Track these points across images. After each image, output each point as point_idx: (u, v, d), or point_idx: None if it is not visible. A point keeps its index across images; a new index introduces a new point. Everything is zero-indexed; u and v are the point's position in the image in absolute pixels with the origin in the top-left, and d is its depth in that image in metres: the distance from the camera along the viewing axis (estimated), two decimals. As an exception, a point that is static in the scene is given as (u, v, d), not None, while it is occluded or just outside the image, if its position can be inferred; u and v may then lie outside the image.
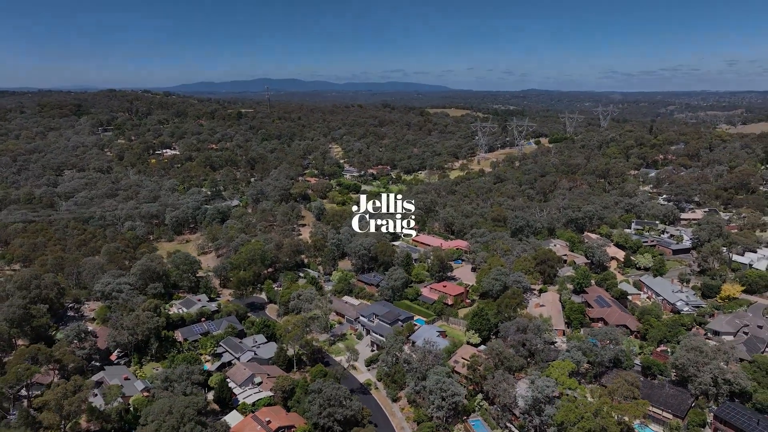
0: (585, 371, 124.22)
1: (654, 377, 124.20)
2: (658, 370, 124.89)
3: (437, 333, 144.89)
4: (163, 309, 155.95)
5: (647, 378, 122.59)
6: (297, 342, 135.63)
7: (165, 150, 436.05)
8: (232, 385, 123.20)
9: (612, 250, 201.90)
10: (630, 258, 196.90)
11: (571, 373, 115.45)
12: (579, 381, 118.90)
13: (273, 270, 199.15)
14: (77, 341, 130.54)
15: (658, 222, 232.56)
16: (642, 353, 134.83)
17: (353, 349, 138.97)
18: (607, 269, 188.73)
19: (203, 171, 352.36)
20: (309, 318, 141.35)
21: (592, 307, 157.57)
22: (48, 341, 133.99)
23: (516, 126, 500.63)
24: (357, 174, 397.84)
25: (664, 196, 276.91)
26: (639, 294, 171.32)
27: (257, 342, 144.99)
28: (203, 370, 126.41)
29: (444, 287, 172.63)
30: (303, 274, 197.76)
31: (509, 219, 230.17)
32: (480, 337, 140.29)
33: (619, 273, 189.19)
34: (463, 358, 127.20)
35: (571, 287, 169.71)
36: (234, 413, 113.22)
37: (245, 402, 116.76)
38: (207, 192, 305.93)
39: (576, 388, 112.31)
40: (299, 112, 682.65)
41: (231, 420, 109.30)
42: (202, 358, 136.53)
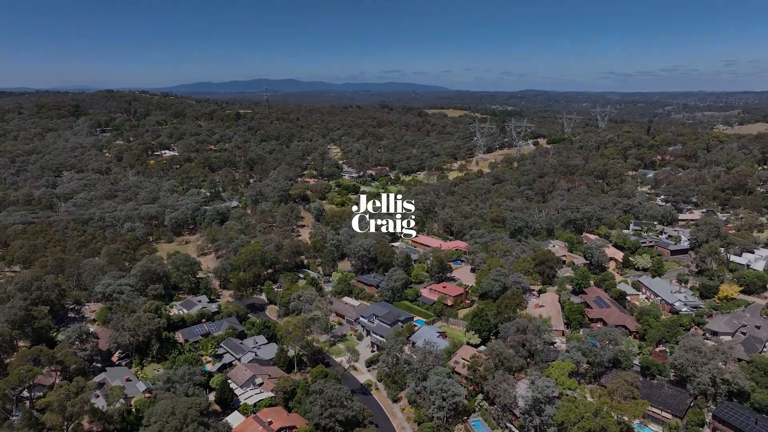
0: (584, 371, 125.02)
1: (653, 377, 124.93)
2: (657, 370, 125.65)
3: (437, 334, 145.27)
4: (164, 310, 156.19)
5: (646, 378, 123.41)
6: (298, 343, 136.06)
7: (164, 151, 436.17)
8: (233, 386, 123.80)
9: (610, 250, 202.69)
10: (628, 258, 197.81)
11: (571, 374, 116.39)
12: (579, 381, 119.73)
13: (273, 271, 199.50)
14: (79, 342, 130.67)
15: (656, 223, 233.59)
16: (641, 353, 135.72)
17: (353, 350, 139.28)
18: (606, 270, 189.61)
19: (202, 172, 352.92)
20: (309, 319, 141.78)
21: (591, 308, 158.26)
22: (49, 343, 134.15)
23: (514, 127, 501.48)
24: (356, 175, 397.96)
25: (662, 196, 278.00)
26: (638, 294, 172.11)
27: (258, 343, 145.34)
28: (204, 371, 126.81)
29: (443, 288, 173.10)
30: (303, 275, 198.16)
31: (508, 220, 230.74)
32: (480, 338, 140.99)
33: (618, 273, 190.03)
34: (464, 358, 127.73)
35: (570, 288, 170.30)
36: (235, 414, 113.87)
37: (246, 403, 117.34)
38: (206, 193, 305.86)
39: (576, 388, 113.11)
40: (298, 112, 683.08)
41: (233, 421, 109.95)
42: (203, 359, 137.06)
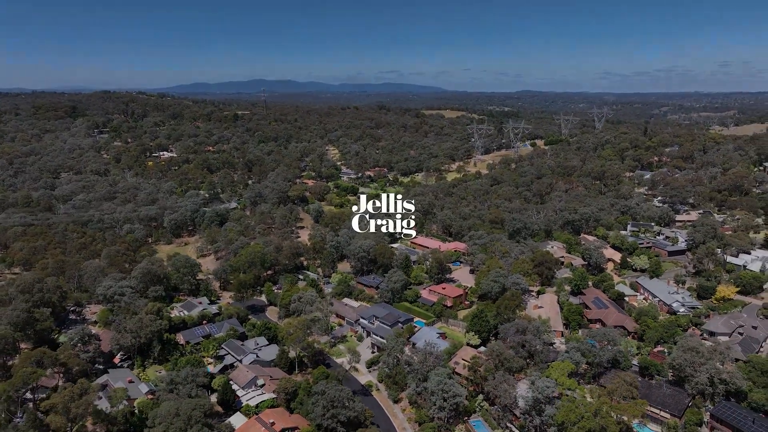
0: (584, 372, 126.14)
1: (651, 377, 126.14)
2: (655, 370, 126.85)
3: (437, 335, 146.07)
4: (165, 312, 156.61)
5: (645, 378, 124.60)
6: (298, 344, 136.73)
7: (162, 152, 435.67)
8: (235, 387, 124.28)
9: (608, 251, 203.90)
10: (626, 259, 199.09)
11: (571, 374, 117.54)
12: (578, 381, 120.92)
13: (273, 272, 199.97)
14: (81, 344, 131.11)
15: (653, 224, 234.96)
16: (639, 354, 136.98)
17: (354, 351, 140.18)
18: (604, 271, 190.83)
19: (201, 173, 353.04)
20: (310, 320, 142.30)
21: (589, 309, 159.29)
22: (51, 345, 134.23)
23: (512, 128, 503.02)
24: (354, 176, 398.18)
25: (659, 198, 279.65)
26: (636, 295, 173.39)
27: (259, 344, 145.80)
28: (206, 372, 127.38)
29: (443, 289, 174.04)
30: (302, 276, 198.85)
31: (506, 221, 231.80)
32: (480, 339, 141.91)
33: (616, 274, 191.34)
34: (464, 359, 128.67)
35: (569, 289, 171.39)
36: (238, 415, 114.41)
37: (248, 404, 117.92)
38: (205, 194, 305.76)
39: (575, 388, 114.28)
40: (295, 114, 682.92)
41: (235, 422, 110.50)
42: (204, 360, 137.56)
